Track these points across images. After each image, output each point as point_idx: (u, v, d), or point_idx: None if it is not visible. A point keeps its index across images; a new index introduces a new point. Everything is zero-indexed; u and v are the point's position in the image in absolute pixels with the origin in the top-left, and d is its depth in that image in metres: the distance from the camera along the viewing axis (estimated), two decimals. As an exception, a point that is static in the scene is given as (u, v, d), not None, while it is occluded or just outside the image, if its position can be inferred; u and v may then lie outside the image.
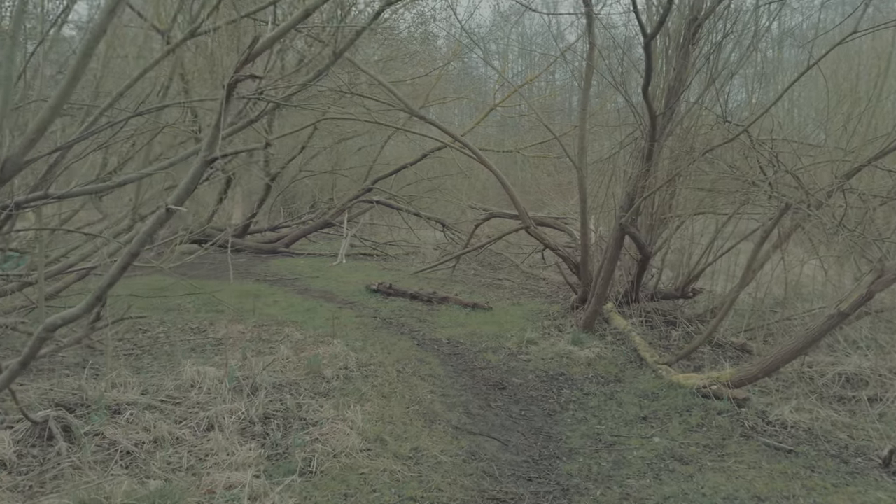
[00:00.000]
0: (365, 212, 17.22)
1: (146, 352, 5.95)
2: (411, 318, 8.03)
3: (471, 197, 16.41)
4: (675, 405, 5.19)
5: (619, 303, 8.27)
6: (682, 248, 8.45)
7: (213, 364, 5.31)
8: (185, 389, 4.58)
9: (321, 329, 6.90)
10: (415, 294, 9.10)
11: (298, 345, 6.24)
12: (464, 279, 11.54)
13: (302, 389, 4.87)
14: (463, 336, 7.21)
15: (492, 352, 6.63)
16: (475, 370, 5.99)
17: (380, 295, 9.37)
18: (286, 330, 6.78)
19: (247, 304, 8.35)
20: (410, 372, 5.68)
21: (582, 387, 5.70)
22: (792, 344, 4.76)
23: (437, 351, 6.58)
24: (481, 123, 17.08)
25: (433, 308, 8.69)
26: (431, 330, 7.50)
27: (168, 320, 7.20)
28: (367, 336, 6.93)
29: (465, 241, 12.33)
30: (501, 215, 11.31)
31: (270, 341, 6.39)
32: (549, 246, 8.33)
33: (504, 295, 10.10)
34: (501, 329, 7.52)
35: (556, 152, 15.41)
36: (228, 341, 6.38)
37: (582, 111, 7.27)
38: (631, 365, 6.41)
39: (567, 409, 5.11)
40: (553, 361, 6.34)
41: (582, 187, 7.34)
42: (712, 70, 5.91)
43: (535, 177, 17.70)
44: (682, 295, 8.12)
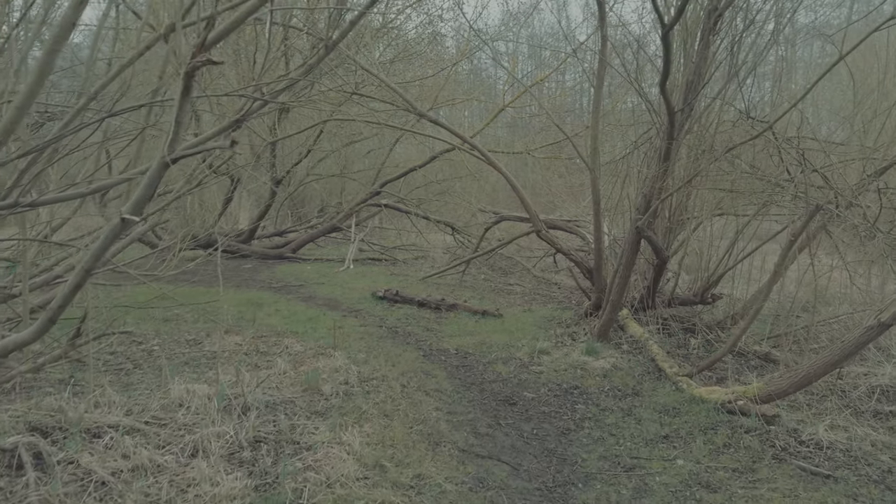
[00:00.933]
0: (373, 216, 16.94)
1: (138, 366, 5.67)
2: (418, 327, 7.71)
3: (480, 200, 16.08)
4: (699, 422, 4.82)
5: (634, 309, 7.90)
6: (700, 252, 8.07)
7: (205, 380, 5.01)
8: (172, 409, 4.28)
9: (323, 340, 6.60)
10: (422, 301, 8.78)
11: (297, 358, 5.93)
12: (474, 284, 11.21)
13: (297, 408, 4.56)
14: (472, 346, 6.88)
15: (502, 363, 6.29)
16: (484, 383, 5.65)
17: (386, 302, 9.06)
18: (286, 341, 6.48)
19: (247, 313, 8.07)
20: (415, 386, 5.36)
21: (598, 401, 5.34)
22: (826, 357, 4.39)
23: (444, 362, 6.25)
24: (491, 125, 16.77)
25: (441, 316, 8.36)
26: (439, 339, 7.17)
27: (164, 331, 6.93)
28: (371, 347, 6.61)
29: (475, 246, 12.00)
30: (512, 218, 10.97)
31: (268, 354, 6.09)
32: (561, 250, 7.98)
33: (515, 301, 9.76)
34: (512, 338, 7.17)
35: (568, 153, 15.04)
36: (223, 354, 6.09)
37: (594, 110, 6.92)
38: (649, 376, 6.04)
39: (582, 427, 4.76)
40: (566, 373, 5.99)
41: (595, 189, 6.99)
42: (734, 63, 5.54)
43: (546, 179, 17.34)
44: (700, 301, 7.73)
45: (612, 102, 12.65)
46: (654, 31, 13.95)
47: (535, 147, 14.80)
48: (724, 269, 7.49)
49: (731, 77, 5.39)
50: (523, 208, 8.57)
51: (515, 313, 8.63)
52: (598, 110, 6.87)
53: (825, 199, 5.02)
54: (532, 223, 7.81)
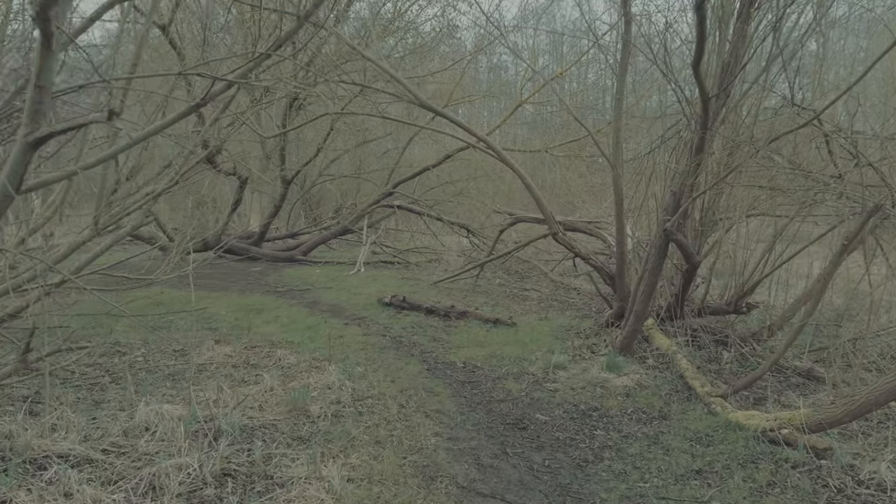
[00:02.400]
0: (386, 217, 16.46)
1: (116, 380, 5.20)
2: (424, 337, 7.16)
3: (496, 201, 15.50)
4: (737, 453, 4.21)
5: (660, 318, 7.27)
6: (734, 256, 7.41)
7: (181, 398, 4.52)
8: (135, 435, 3.79)
9: (320, 351, 6.09)
10: (431, 308, 8.23)
11: (288, 372, 5.42)
12: (488, 289, 10.64)
13: (278, 433, 4.04)
14: (481, 359, 6.31)
15: (513, 379, 5.72)
16: (492, 403, 5.08)
17: (393, 309, 8.53)
18: (279, 352, 5.98)
19: (245, 320, 7.60)
20: (414, 406, 4.81)
21: (620, 426, 4.74)
22: (891, 382, 3.74)
23: (449, 378, 5.69)
24: (510, 124, 16.17)
25: (450, 324, 7.80)
26: (446, 351, 6.62)
27: (153, 340, 6.47)
28: (371, 359, 6.08)
29: (489, 248, 11.42)
30: (528, 219, 10.38)
31: (258, 367, 5.59)
32: (580, 255, 7.38)
33: (530, 308, 9.17)
34: (525, 350, 6.59)
35: (588, 151, 14.40)
36: (211, 367, 5.60)
37: (617, 101, 6.32)
38: (677, 396, 5.43)
39: (602, 459, 4.17)
40: (585, 392, 5.39)
41: (617, 187, 6.39)
42: (776, 43, 4.90)
43: (565, 178, 16.72)
44: (734, 310, 7.08)
45: (636, 96, 12.00)
46: (681, 18, 13.18)
47: (553, 145, 14.18)
48: (761, 276, 6.83)
49: (774, 58, 4.76)
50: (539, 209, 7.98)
51: (530, 322, 8.05)
52: (622, 102, 6.27)
53: (881, 197, 4.38)
54: (548, 225, 7.23)
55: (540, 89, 13.39)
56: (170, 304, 8.59)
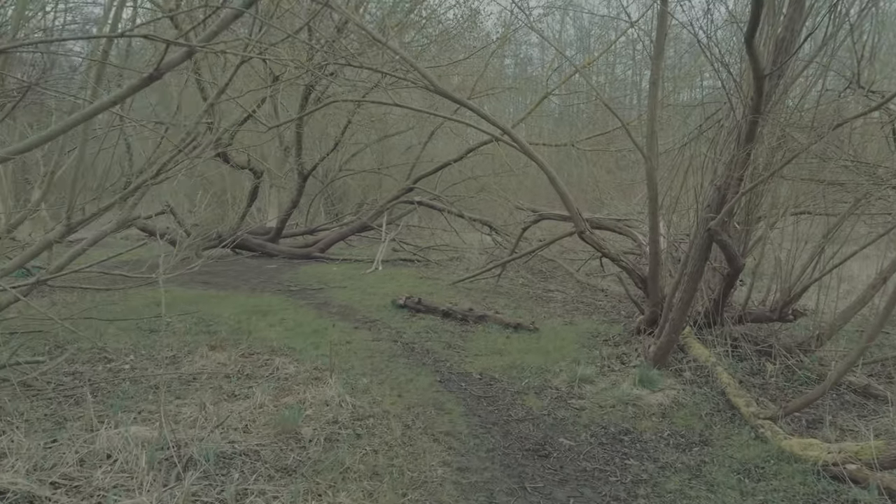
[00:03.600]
0: (407, 213, 15.95)
1: (96, 391, 4.75)
2: (439, 343, 6.61)
3: (520, 197, 14.88)
4: (794, 491, 3.59)
5: (696, 325, 6.62)
6: (779, 258, 6.72)
7: (156, 417, 4.04)
8: (93, 464, 3.30)
9: (322, 360, 5.58)
10: (447, 311, 7.68)
11: (284, 385, 4.92)
12: (510, 290, 10.05)
13: (260, 463, 3.52)
14: (499, 369, 5.74)
15: (534, 394, 5.14)
16: (510, 423, 4.51)
17: (407, 311, 8.00)
18: (277, 361, 5.48)
19: (248, 322, 7.14)
20: (421, 427, 4.26)
21: (655, 453, 4.14)
22: None
23: (463, 391, 5.13)
24: (536, 118, 15.55)
25: (468, 329, 7.24)
26: (461, 359, 6.06)
27: (145, 345, 6.03)
28: (379, 369, 5.56)
29: (512, 247, 10.83)
30: (552, 217, 9.77)
31: (253, 378, 5.10)
32: (609, 255, 6.75)
33: (555, 310, 8.57)
34: (548, 360, 6.01)
35: (617, 145, 13.70)
36: (202, 377, 5.13)
37: (652, 86, 5.68)
38: (720, 417, 4.80)
39: (636, 497, 3.57)
40: (615, 411, 4.79)
41: (651, 181, 5.75)
42: (835, 17, 4.23)
43: (592, 174, 16.02)
44: (779, 317, 6.39)
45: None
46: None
47: (580, 139, 13.50)
48: (810, 280, 6.13)
49: (834, 33, 4.09)
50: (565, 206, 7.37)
51: (554, 327, 7.45)
52: (658, 85, 5.63)
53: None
54: (574, 223, 6.62)
55: (568, 79, 12.72)
56: (172, 304, 8.17)
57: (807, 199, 6.57)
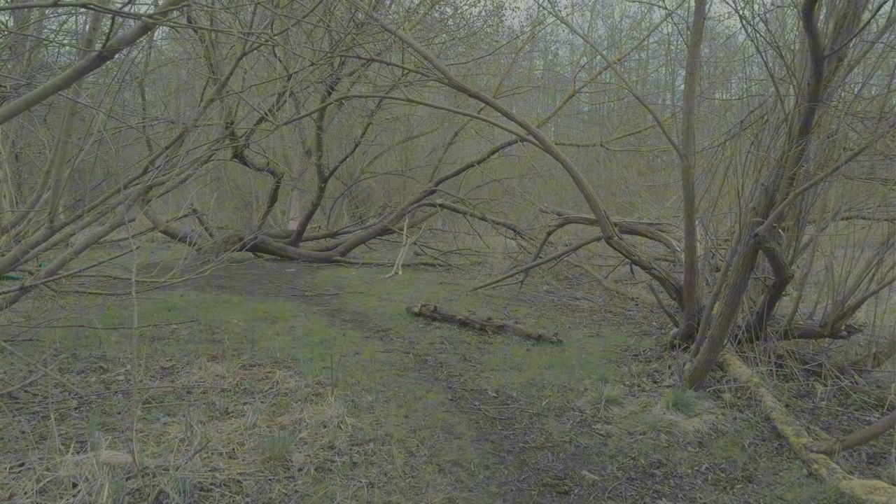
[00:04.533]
0: (429, 217, 15.54)
1: (83, 404, 4.43)
2: (454, 355, 6.17)
3: (546, 200, 14.37)
4: (859, 545, 3.05)
5: (737, 340, 6.06)
6: (831, 267, 6.12)
7: (144, 436, 3.68)
8: (53, 496, 2.93)
9: (326, 373, 5.18)
10: (465, 320, 7.23)
11: (282, 401, 4.52)
12: (533, 298, 9.57)
13: (241, 497, 3.12)
14: (517, 387, 5.27)
15: (555, 416, 4.66)
16: (526, 451, 4.05)
17: (423, 319, 7.57)
18: (278, 374, 5.10)
19: (255, 330, 6.79)
20: (427, 455, 3.82)
21: (692, 492, 3.63)
22: None
23: (476, 412, 4.68)
24: (563, 115, 15.00)
25: (485, 340, 6.78)
26: (476, 374, 5.61)
27: (145, 354, 5.70)
28: (387, 384, 5.13)
29: (536, 252, 10.34)
30: (579, 220, 9.26)
31: (250, 393, 4.72)
32: (640, 263, 6.23)
33: (581, 320, 8.06)
34: (572, 377, 5.52)
35: (650, 144, 13.11)
36: (198, 390, 4.77)
37: (689, 77, 5.17)
38: (765, 447, 4.26)
39: (669, 545, 3.08)
40: (645, 439, 4.29)
41: (688, 181, 5.23)
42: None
43: (623, 177, 15.43)
44: (830, 333, 5.79)
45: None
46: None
47: (610, 138, 12.94)
48: (867, 293, 5.53)
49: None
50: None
51: (579, 339, 6.95)
52: (695, 76, 5.11)
53: None
54: (601, 227, 6.12)
55: (597, 76, 12.17)
56: (183, 309, 7.88)
57: (862, 201, 5.98)
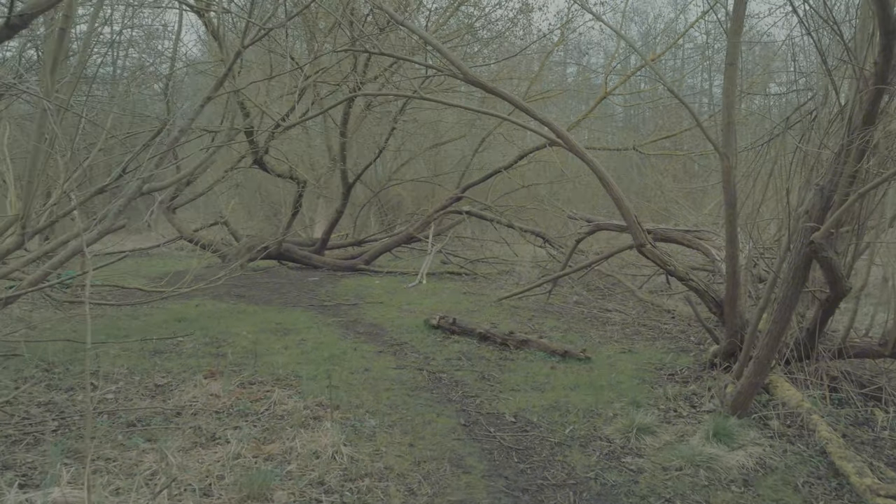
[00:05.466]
0: (456, 224, 15.12)
1: (62, 426, 4.10)
2: (471, 373, 5.70)
3: (579, 207, 13.80)
4: None
5: (784, 358, 5.46)
6: (890, 276, 5.49)
7: (116, 467, 3.31)
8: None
9: (329, 392, 4.77)
10: (485, 333, 6.76)
11: (276, 425, 4.13)
12: (561, 309, 9.04)
13: (205, 544, 2.72)
14: (538, 410, 4.78)
15: (579, 446, 4.15)
16: (544, 489, 3.56)
17: (441, 332, 7.13)
18: (277, 394, 4.71)
19: (265, 343, 6.44)
20: (429, 495, 3.37)
21: (737, 543, 3.10)
22: None
23: (490, 440, 4.21)
24: (595, 118, 14.40)
25: (506, 356, 6.30)
26: (494, 395, 5.13)
27: (142, 369, 5.39)
28: (394, 406, 4.70)
29: (564, 260, 9.81)
30: (610, 227, 8.71)
31: (243, 415, 4.34)
32: (675, 273, 5.68)
33: (611, 334, 7.50)
34: (599, 399, 5.00)
35: (687, 146, 12.46)
36: (189, 411, 4.41)
37: (730, 66, 4.63)
38: (821, 487, 3.69)
39: None
40: (682, 476, 3.75)
41: (728, 183, 4.68)
42: None
43: (658, 182, 14.79)
44: (892, 353, 5.15)
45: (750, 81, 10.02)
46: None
47: (644, 142, 12.33)
48: (935, 308, 4.89)
49: None
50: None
51: (610, 355, 6.41)
52: (735, 66, 4.58)
53: None
54: (632, 235, 5.60)
55: (632, 75, 11.59)
56: (193, 320, 7.60)
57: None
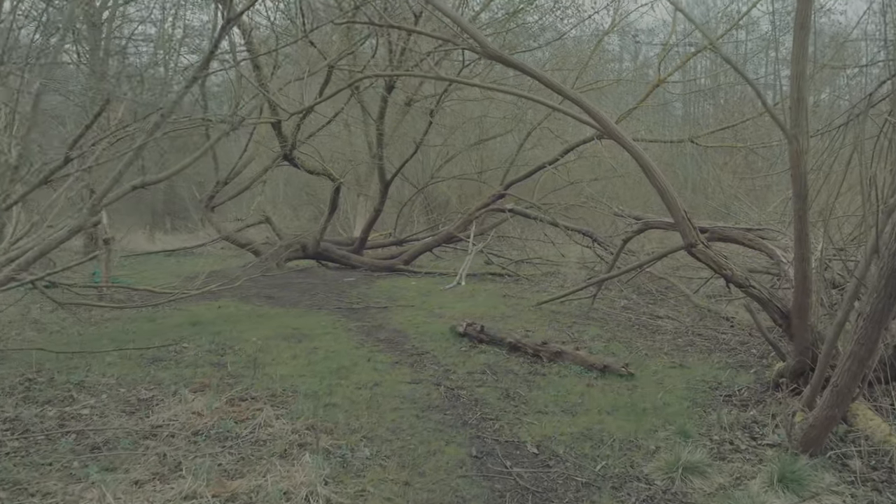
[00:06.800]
0: (500, 223, 14.41)
1: (25, 446, 3.67)
2: (494, 390, 5.02)
3: (631, 205, 12.86)
4: None
5: (867, 383, 4.56)
6: None
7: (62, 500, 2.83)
8: None
9: (324, 413, 4.20)
10: (515, 343, 6.07)
11: (251, 455, 3.58)
12: (606, 315, 8.23)
13: None
14: (567, 439, 4.07)
15: (611, 490, 3.43)
16: (561, 546, 2.87)
17: (467, 340, 6.47)
18: (265, 413, 4.16)
19: (274, 350, 5.95)
20: (414, 550, 2.73)
21: None
22: None
23: (504, 478, 3.53)
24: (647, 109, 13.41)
25: (537, 370, 5.59)
26: (517, 418, 4.44)
27: (132, 379, 4.96)
28: (398, 429, 4.08)
29: (611, 262, 8.98)
30: (660, 225, 7.83)
31: (222, 438, 3.82)
32: (733, 279, 4.84)
33: (661, 345, 6.67)
34: (640, 426, 4.25)
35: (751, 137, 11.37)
36: (164, 432, 3.91)
37: (800, 30, 3.81)
38: (925, 556, 2.86)
39: None
40: (737, 534, 3.00)
41: (798, 170, 3.85)
42: None
43: (716, 177, 13.70)
44: None
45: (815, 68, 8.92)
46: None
47: (701, 134, 11.30)
48: None
49: None
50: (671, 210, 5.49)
51: (657, 370, 5.61)
52: (808, 28, 3.76)
53: None
54: (681, 233, 4.80)
55: (690, 59, 10.58)
56: (209, 324, 7.19)
57: None
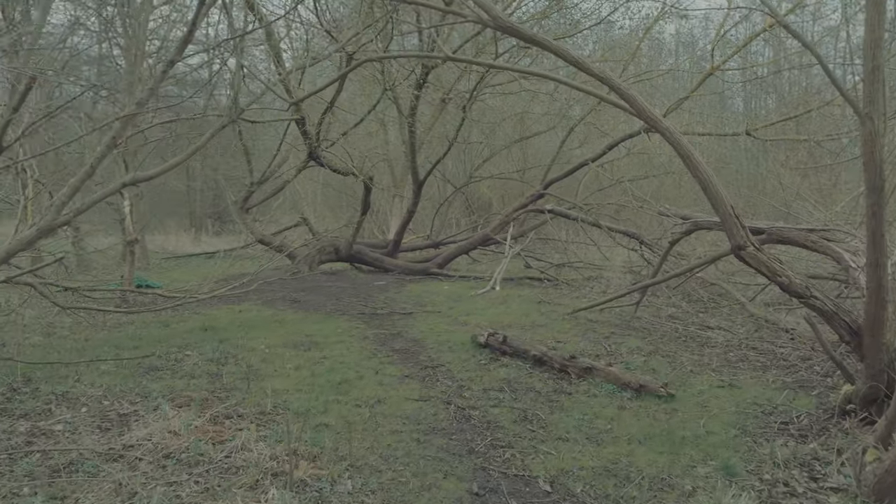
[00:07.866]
0: (540, 225, 13.76)
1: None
2: (510, 411, 4.45)
3: (681, 205, 12.01)
4: None
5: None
6: None
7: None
8: None
9: (312, 437, 3.73)
10: (541, 357, 5.47)
11: (219, 484, 3.13)
12: (650, 325, 7.52)
13: None
14: (587, 475, 3.47)
15: (633, 542, 2.83)
16: None
17: (489, 352, 5.90)
18: (246, 435, 3.71)
19: (278, 360, 5.54)
20: None
21: None
22: None
23: (506, 522, 2.97)
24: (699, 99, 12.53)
25: (563, 387, 4.97)
26: (532, 446, 3.86)
27: (119, 391, 4.61)
28: (391, 458, 3.57)
29: (657, 266, 8.25)
30: (710, 226, 7.06)
31: (192, 464, 3.38)
32: (790, 287, 4.12)
33: (709, 360, 5.95)
34: (676, 461, 3.60)
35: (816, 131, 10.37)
36: (131, 455, 3.51)
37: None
38: None
39: None
40: None
41: (872, 156, 3.15)
42: None
43: (776, 174, 12.71)
44: None
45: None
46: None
47: (759, 125, 10.38)
48: None
49: None
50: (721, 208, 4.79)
51: (702, 390, 4.92)
52: None
53: None
54: (727, 234, 4.11)
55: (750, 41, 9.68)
56: (221, 329, 6.87)
57: None
